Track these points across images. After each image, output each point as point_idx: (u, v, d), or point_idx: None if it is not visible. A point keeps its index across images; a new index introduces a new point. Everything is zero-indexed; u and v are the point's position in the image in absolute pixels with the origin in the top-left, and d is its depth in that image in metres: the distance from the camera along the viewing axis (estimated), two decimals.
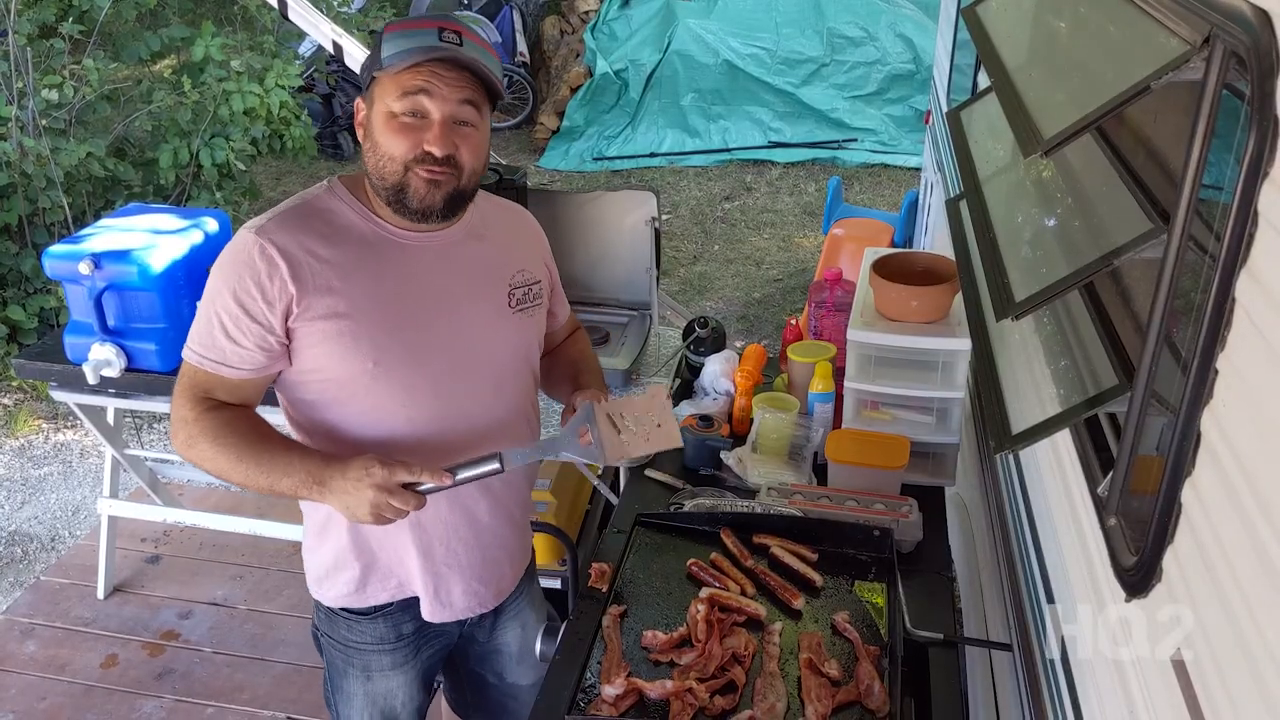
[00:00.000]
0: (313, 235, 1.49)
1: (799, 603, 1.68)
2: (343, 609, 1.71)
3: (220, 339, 1.48)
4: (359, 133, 1.53)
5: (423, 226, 1.55)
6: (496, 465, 1.49)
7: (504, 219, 1.72)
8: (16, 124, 4.31)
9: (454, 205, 1.53)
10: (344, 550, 1.65)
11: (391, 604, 1.71)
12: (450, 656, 1.89)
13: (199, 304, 1.53)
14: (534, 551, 1.94)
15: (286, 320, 1.48)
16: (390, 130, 1.46)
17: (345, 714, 1.81)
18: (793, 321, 2.51)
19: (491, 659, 1.89)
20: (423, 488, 1.46)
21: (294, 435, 1.63)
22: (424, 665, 1.81)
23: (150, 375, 2.65)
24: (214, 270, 1.51)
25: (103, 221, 2.83)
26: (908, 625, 1.62)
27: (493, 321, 1.62)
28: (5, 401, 4.44)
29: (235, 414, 1.53)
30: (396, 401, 1.54)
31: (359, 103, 1.53)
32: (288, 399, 1.60)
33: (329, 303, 1.48)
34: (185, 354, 1.53)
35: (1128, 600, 1.06)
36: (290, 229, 1.49)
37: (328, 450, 1.56)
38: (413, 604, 1.72)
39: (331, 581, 1.69)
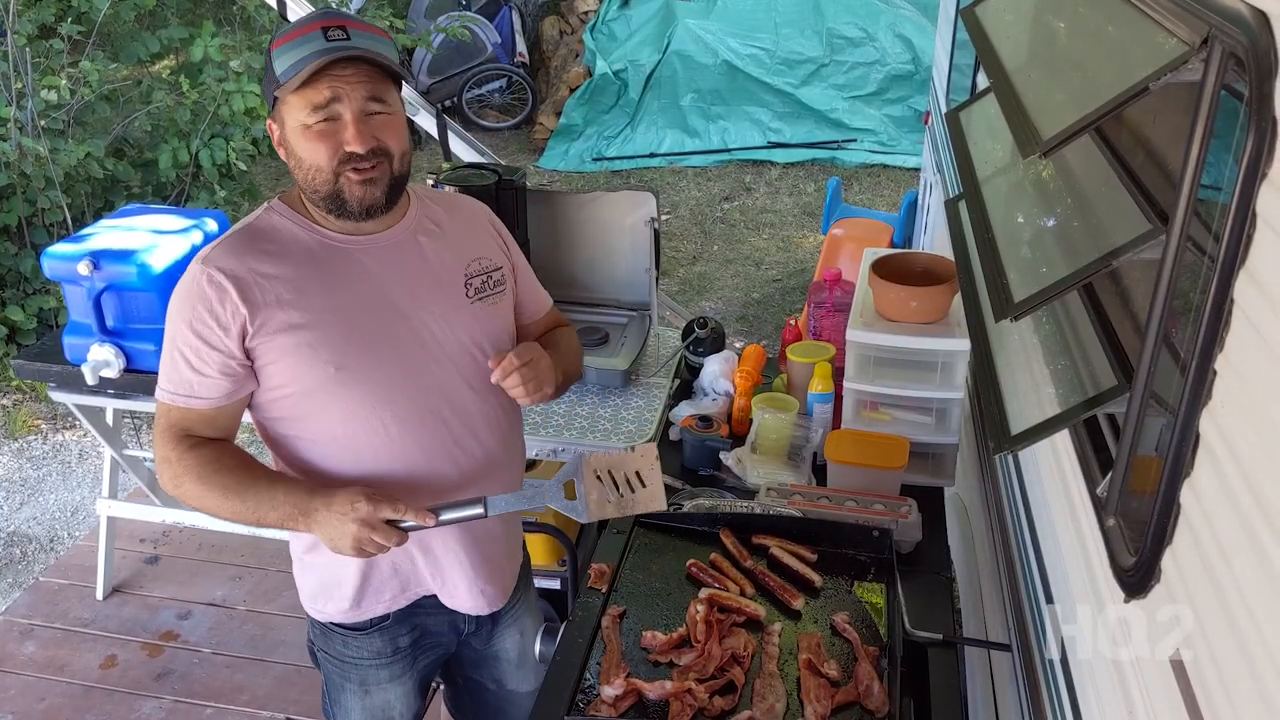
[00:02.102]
0: (256, 254, 1.50)
1: (798, 603, 1.68)
2: (338, 625, 1.72)
3: (185, 372, 1.50)
4: (280, 153, 1.53)
5: (367, 228, 1.55)
6: (480, 510, 1.51)
7: (453, 212, 1.71)
8: (15, 124, 4.31)
9: (395, 193, 1.53)
10: (338, 565, 1.65)
11: (388, 616, 1.71)
12: (449, 663, 1.89)
13: (163, 344, 1.54)
14: (528, 555, 1.94)
15: (244, 341, 1.48)
16: (308, 140, 1.46)
17: None
18: (792, 322, 2.51)
19: (489, 665, 1.89)
20: (405, 525, 1.48)
21: (272, 457, 1.63)
22: (421, 674, 1.82)
23: (149, 376, 2.64)
24: (170, 307, 1.52)
25: (102, 222, 2.84)
26: (907, 626, 1.62)
27: (450, 313, 1.61)
28: (4, 402, 4.44)
29: (218, 451, 1.54)
30: (368, 406, 1.54)
31: (270, 124, 1.53)
32: (261, 422, 1.60)
33: (283, 316, 1.48)
34: (158, 394, 1.54)
35: (1127, 601, 1.07)
36: (234, 252, 1.50)
37: (318, 469, 1.57)
38: (410, 613, 1.72)
39: (326, 598, 1.70)
